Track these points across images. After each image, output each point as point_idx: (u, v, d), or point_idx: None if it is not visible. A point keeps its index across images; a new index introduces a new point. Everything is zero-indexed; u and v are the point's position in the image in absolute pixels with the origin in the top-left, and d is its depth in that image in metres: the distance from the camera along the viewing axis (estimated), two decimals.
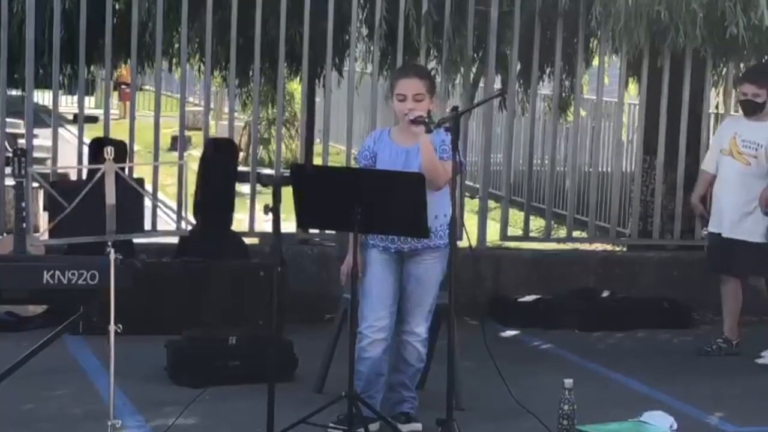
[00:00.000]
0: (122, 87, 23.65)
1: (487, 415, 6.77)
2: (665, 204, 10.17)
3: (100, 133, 9.48)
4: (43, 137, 11.74)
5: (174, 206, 9.87)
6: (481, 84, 10.14)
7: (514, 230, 10.55)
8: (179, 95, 9.72)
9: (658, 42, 9.25)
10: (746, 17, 8.55)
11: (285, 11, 9.26)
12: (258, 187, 9.55)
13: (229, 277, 8.59)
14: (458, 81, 9.85)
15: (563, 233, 10.87)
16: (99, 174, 5.69)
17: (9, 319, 8.42)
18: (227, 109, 10.24)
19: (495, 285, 9.64)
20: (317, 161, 11.58)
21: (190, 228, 8.72)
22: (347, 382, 6.04)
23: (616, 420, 6.62)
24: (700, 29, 8.65)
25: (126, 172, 6.10)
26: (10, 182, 8.75)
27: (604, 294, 9.63)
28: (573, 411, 6.22)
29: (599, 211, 11.58)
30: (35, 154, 9.63)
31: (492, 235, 10.09)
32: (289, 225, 6.59)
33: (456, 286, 6.08)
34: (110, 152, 5.75)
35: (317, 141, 11.74)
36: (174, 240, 9.14)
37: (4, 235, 8.81)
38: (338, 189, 6.10)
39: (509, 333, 9.10)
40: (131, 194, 6.08)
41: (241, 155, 13.45)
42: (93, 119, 14.27)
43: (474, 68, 10.04)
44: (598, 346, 8.86)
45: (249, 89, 10.57)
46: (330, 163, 10.40)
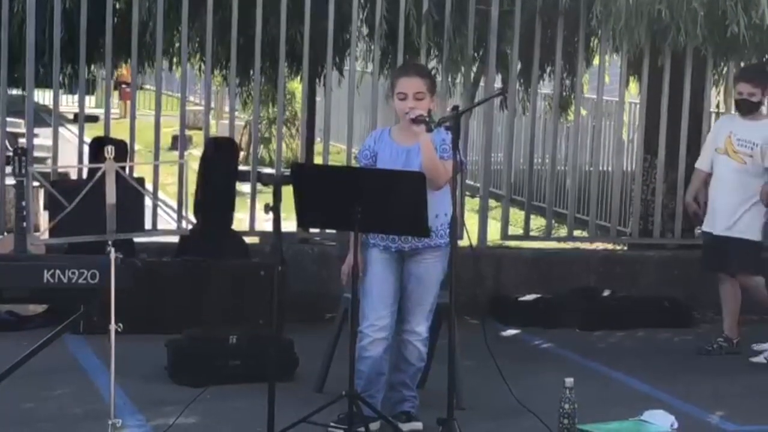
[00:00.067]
0: (123, 86, 23.64)
1: (488, 415, 6.77)
2: (666, 203, 10.16)
3: (101, 133, 9.48)
4: (44, 136, 11.74)
5: (174, 205, 9.87)
6: (482, 83, 10.13)
7: (515, 229, 10.54)
8: (180, 94, 9.72)
9: (659, 41, 9.25)
10: (747, 16, 8.56)
11: (285, 10, 9.26)
12: (258, 187, 9.54)
13: (230, 277, 8.59)
14: (459, 80, 9.84)
15: (564, 232, 10.86)
16: (99, 173, 5.69)
17: (9, 319, 8.42)
18: (228, 109, 10.23)
19: (496, 284, 9.64)
20: (318, 160, 11.58)
21: (191, 227, 8.70)
22: (348, 382, 6.03)
23: (617, 419, 6.61)
24: (701, 28, 8.66)
25: (126, 172, 6.09)
26: (11, 181, 8.76)
27: (605, 293, 9.63)
28: (574, 410, 6.22)
29: (600, 211, 11.57)
30: (36, 154, 9.65)
31: (493, 235, 10.10)
32: (290, 224, 6.59)
33: (456, 286, 6.08)
34: (111, 151, 5.74)
35: (318, 140, 11.74)
36: (174, 239, 9.13)
37: (5, 235, 8.81)
38: (339, 188, 6.10)
39: (510, 332, 9.10)
40: (132, 193, 6.08)
41: (242, 154, 13.45)
42: (93, 118, 14.28)
43: (474, 67, 10.04)
44: (599, 345, 8.85)
45: (249, 88, 10.57)
46: (330, 163, 10.40)
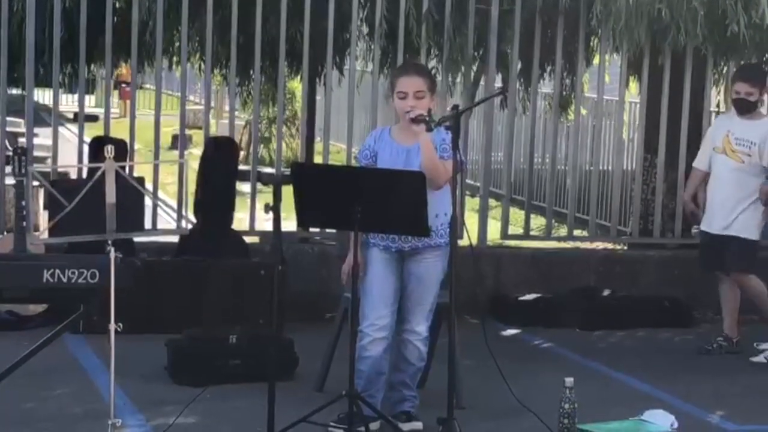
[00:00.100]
0: (122, 86, 23.66)
1: (488, 414, 6.77)
2: (666, 203, 10.16)
3: (101, 132, 9.48)
4: (44, 136, 11.73)
5: (174, 205, 9.85)
6: (482, 82, 10.13)
7: (515, 229, 10.54)
8: (180, 94, 9.72)
9: (659, 40, 9.25)
10: (747, 15, 8.57)
11: (285, 10, 9.26)
12: (258, 186, 9.54)
13: (230, 276, 8.59)
14: (459, 79, 9.84)
15: (564, 232, 10.86)
16: (99, 173, 5.68)
17: (9, 318, 8.42)
18: (228, 108, 10.23)
19: (496, 284, 9.64)
20: (318, 160, 11.58)
21: (191, 227, 8.71)
22: (348, 381, 6.03)
23: (617, 419, 6.61)
24: (701, 27, 8.66)
25: (126, 171, 6.08)
26: (11, 181, 8.75)
27: (605, 293, 9.63)
28: (574, 410, 6.22)
29: (600, 210, 11.57)
30: (35, 153, 9.64)
31: (493, 234, 10.10)
32: (290, 224, 6.58)
33: (456, 285, 6.08)
34: (110, 151, 5.74)
35: (318, 140, 11.73)
36: (174, 239, 9.13)
37: (5, 234, 8.81)
38: (339, 188, 6.10)
39: (510, 332, 9.10)
40: (131, 193, 6.07)
41: (242, 154, 13.44)
42: (93, 118, 14.26)
43: (474, 67, 10.03)
44: (599, 345, 8.85)
45: (249, 88, 10.56)
46: (331, 162, 10.40)
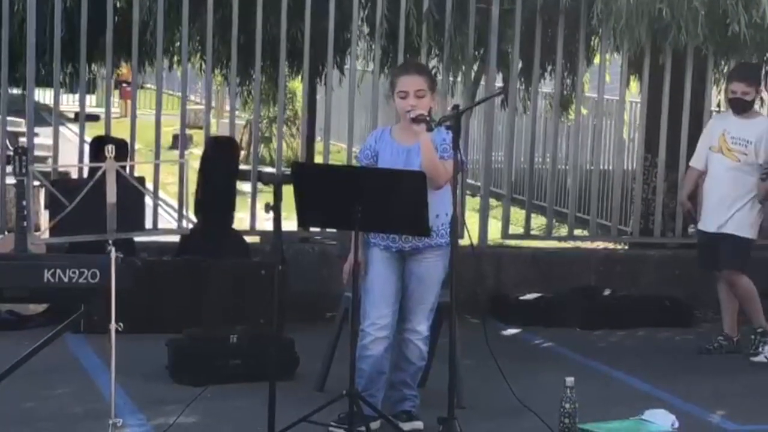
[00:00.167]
0: (123, 85, 23.62)
1: (489, 414, 6.77)
2: (666, 202, 10.16)
3: (101, 132, 9.47)
4: (44, 136, 11.74)
5: (175, 205, 9.86)
6: (482, 82, 10.12)
7: (516, 228, 10.53)
8: (180, 93, 9.73)
9: (660, 40, 9.24)
10: (748, 15, 8.56)
11: (286, 9, 9.26)
12: (259, 186, 9.54)
13: (230, 276, 8.59)
14: (459, 79, 9.84)
15: (564, 231, 10.85)
16: (100, 172, 5.69)
17: (10, 318, 8.42)
18: (228, 108, 10.23)
19: (496, 283, 9.64)
20: (318, 159, 11.57)
21: (191, 226, 8.72)
22: (348, 381, 6.03)
23: (618, 418, 6.61)
24: (702, 27, 8.65)
25: (127, 171, 6.09)
26: (11, 181, 8.75)
27: (606, 292, 9.63)
28: (574, 409, 6.22)
29: (600, 210, 11.55)
30: (36, 153, 9.67)
31: (493, 234, 10.10)
32: (290, 223, 6.58)
33: (457, 285, 6.08)
34: (111, 151, 5.74)
35: (318, 139, 11.73)
36: (175, 238, 9.13)
37: (5, 234, 8.81)
38: (339, 187, 6.10)
39: (510, 331, 9.09)
40: (132, 193, 6.08)
41: (242, 154, 13.46)
42: (94, 118, 14.28)
43: (475, 66, 10.03)
44: (600, 345, 8.85)
45: (250, 87, 10.56)
46: (331, 162, 10.40)
